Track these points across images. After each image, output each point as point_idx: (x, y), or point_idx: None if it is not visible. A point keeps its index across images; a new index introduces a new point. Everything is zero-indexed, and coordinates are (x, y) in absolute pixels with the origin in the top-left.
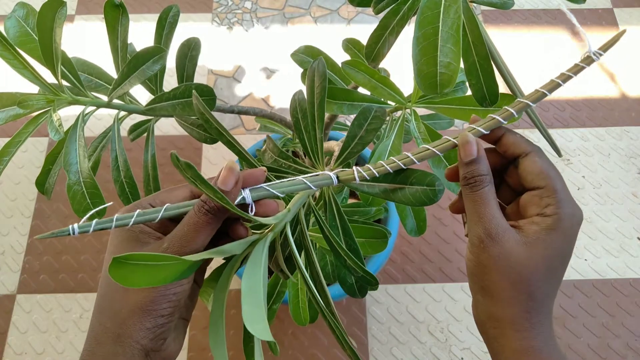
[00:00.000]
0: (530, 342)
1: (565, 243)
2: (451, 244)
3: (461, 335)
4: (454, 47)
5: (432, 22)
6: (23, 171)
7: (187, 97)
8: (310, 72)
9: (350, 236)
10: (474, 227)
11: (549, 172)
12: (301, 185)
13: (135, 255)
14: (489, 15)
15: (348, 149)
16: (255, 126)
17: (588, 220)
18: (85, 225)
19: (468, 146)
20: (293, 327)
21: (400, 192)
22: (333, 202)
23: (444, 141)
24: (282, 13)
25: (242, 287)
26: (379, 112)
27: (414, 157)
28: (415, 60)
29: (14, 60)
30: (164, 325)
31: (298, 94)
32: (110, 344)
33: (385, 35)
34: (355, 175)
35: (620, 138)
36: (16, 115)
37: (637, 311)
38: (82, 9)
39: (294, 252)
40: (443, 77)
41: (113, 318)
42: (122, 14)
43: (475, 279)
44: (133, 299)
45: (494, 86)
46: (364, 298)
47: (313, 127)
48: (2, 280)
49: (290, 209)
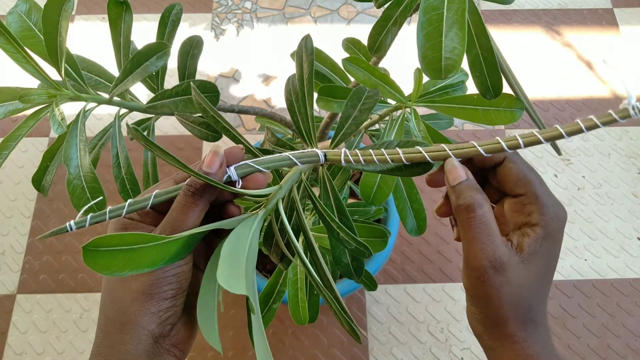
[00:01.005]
0: (527, 350)
1: (554, 247)
2: (451, 244)
3: (461, 335)
4: (459, 32)
5: (437, 8)
6: (23, 171)
7: (189, 94)
8: (299, 48)
9: (344, 214)
10: (474, 257)
11: (527, 177)
12: (286, 161)
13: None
14: (489, 16)
15: (343, 130)
16: (255, 126)
17: (588, 220)
18: (81, 221)
19: (455, 170)
20: (293, 327)
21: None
22: (328, 182)
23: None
24: (282, 13)
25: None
26: (372, 92)
27: (404, 157)
28: (420, 45)
29: (17, 54)
30: (169, 310)
31: (292, 77)
32: (117, 333)
33: (388, 27)
34: (342, 157)
35: (620, 138)
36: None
37: (637, 311)
38: (82, 9)
39: (289, 233)
40: (448, 62)
41: (116, 307)
42: (125, 11)
43: (474, 302)
44: (134, 286)
45: (498, 78)
46: (364, 298)
47: (304, 103)
48: (2, 280)
49: (282, 185)
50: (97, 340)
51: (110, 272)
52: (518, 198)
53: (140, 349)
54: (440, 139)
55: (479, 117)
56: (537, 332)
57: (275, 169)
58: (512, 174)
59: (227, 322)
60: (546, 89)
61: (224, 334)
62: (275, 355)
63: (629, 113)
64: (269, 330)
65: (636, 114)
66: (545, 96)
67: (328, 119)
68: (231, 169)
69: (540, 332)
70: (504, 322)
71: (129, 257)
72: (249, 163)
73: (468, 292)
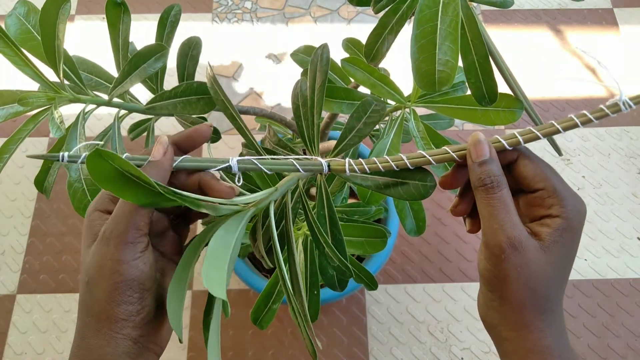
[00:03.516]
0: (543, 341)
1: (575, 240)
2: (451, 244)
3: (461, 335)
4: (452, 45)
5: (430, 20)
6: (23, 171)
7: (188, 95)
8: (315, 57)
9: (336, 226)
10: (493, 234)
11: (544, 172)
12: (290, 167)
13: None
14: (489, 15)
15: (345, 141)
16: (255, 126)
17: (588, 220)
18: (75, 156)
19: (480, 145)
20: (293, 327)
21: (393, 188)
22: (324, 190)
23: (443, 152)
24: (282, 13)
25: (209, 247)
26: (378, 106)
27: (408, 162)
28: (413, 58)
29: (15, 57)
30: (140, 312)
31: (301, 82)
32: (94, 338)
33: (385, 34)
34: (346, 167)
35: (620, 138)
36: (16, 113)
37: (637, 311)
38: (82, 9)
39: (273, 239)
40: (441, 75)
41: (89, 314)
42: (123, 12)
43: (491, 287)
44: (100, 294)
45: (493, 85)
46: (364, 298)
47: (312, 112)
48: (2, 280)
49: (278, 188)
50: (76, 342)
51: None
52: (536, 193)
53: (120, 351)
54: (439, 140)
55: (478, 117)
56: (554, 322)
57: (276, 172)
58: (529, 169)
59: (227, 322)
60: (546, 89)
61: (224, 334)
62: (275, 355)
63: (619, 107)
64: (268, 330)
65: (626, 108)
66: (545, 96)
67: (328, 119)
68: (233, 160)
69: (556, 323)
70: (522, 307)
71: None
72: (254, 160)
73: (485, 276)
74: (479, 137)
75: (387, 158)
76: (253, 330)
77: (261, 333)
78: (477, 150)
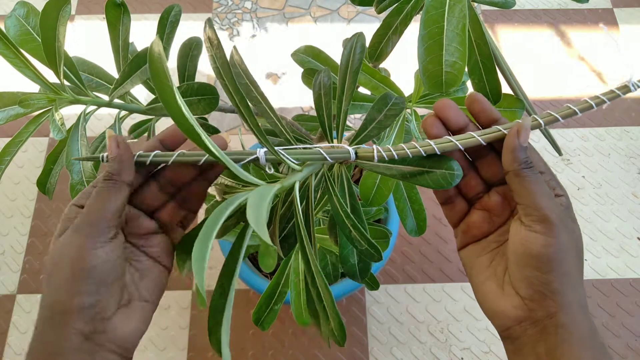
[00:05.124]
0: (592, 322)
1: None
2: (451, 244)
3: (461, 335)
4: (460, 47)
5: (437, 21)
6: (23, 171)
7: (189, 96)
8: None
9: (359, 215)
10: (541, 207)
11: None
12: (317, 156)
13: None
14: (490, 15)
15: (365, 132)
16: None
17: (588, 220)
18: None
19: (526, 132)
20: (293, 327)
21: (419, 176)
22: (345, 177)
23: (469, 136)
24: (282, 13)
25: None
26: (398, 99)
27: (436, 147)
28: (420, 59)
29: (15, 59)
30: (94, 306)
31: (325, 71)
32: (48, 331)
33: (389, 35)
34: (374, 154)
35: (620, 138)
36: (17, 115)
37: (637, 311)
38: (82, 9)
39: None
40: (449, 76)
41: (47, 306)
42: (123, 13)
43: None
44: (56, 282)
45: (497, 85)
46: (364, 298)
47: (340, 99)
48: (2, 280)
49: (303, 169)
50: (32, 337)
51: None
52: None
53: (68, 346)
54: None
55: None
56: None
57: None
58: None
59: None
60: (546, 89)
61: None
62: (275, 355)
63: (629, 88)
64: (269, 331)
65: (635, 89)
66: (545, 96)
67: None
68: (260, 152)
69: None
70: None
71: None
72: (281, 151)
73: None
74: (528, 122)
75: (415, 144)
76: (253, 330)
77: (261, 333)
78: (526, 135)
